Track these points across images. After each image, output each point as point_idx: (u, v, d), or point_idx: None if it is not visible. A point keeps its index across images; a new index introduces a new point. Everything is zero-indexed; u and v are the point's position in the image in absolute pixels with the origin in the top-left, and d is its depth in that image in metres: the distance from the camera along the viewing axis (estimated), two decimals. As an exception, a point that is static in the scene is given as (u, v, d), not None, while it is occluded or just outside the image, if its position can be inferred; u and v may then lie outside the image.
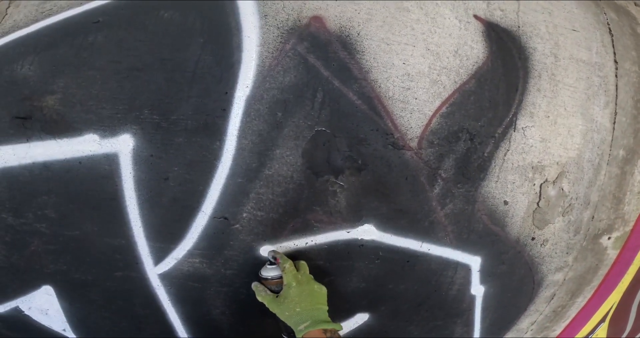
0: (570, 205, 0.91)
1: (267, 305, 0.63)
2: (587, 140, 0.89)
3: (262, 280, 0.66)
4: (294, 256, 0.69)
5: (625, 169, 1.02)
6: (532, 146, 0.80)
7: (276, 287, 0.64)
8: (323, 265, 0.72)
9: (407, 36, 0.71)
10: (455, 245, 0.78)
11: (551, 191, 0.86)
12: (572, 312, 1.21)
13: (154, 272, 0.68)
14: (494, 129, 0.75)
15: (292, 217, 0.68)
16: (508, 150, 0.77)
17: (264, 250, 0.69)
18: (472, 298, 0.88)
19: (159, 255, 0.67)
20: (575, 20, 0.90)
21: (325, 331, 0.58)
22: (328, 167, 0.67)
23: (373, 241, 0.72)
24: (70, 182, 0.66)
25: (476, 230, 0.78)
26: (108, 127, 0.65)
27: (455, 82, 0.72)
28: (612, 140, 0.95)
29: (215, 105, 0.65)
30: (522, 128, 0.78)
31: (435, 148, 0.70)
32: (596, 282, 1.17)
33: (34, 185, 0.66)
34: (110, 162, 0.65)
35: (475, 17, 0.78)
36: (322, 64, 0.66)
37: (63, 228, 0.67)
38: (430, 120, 0.69)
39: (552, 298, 1.07)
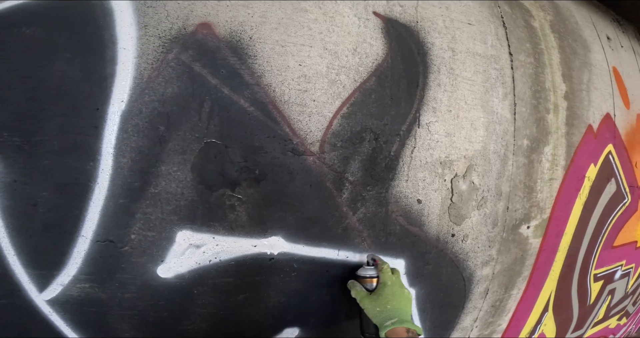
0: (483, 197, 1.00)
1: (359, 300, 0.73)
2: (490, 132, 0.99)
3: (359, 279, 0.77)
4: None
5: (532, 158, 1.15)
6: (438, 141, 0.87)
7: (368, 286, 0.76)
8: (234, 282, 0.71)
9: (304, 37, 0.74)
10: (375, 250, 0.81)
11: (462, 185, 0.95)
12: (512, 305, 1.30)
13: (40, 298, 0.67)
14: (398, 126, 0.81)
15: (188, 235, 0.68)
16: (415, 147, 0.83)
17: (162, 270, 0.68)
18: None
19: (42, 282, 0.66)
20: (470, 13, 1.01)
21: (408, 330, 0.68)
22: (222, 180, 0.66)
23: (284, 253, 0.72)
24: None
25: (394, 232, 0.83)
26: (-39, 151, 0.59)
27: (355, 80, 0.77)
28: (514, 130, 1.07)
29: (85, 122, 0.63)
30: (426, 124, 0.85)
31: (339, 151, 0.74)
32: (526, 272, 1.28)
33: None
34: (-31, 190, 0.60)
35: (375, 13, 0.84)
36: (210, 71, 0.67)
37: None
38: (331, 122, 0.73)
39: (487, 293, 1.15)
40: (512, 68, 1.06)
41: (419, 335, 0.70)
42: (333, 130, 0.73)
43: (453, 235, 0.96)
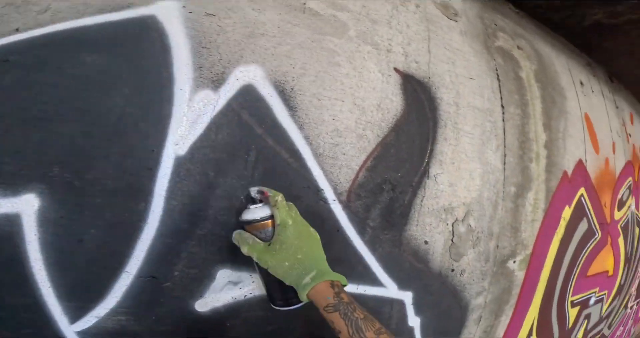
0: (477, 238, 1.18)
1: (257, 258, 0.58)
2: (485, 181, 1.18)
3: (246, 226, 0.62)
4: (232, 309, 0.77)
5: (517, 203, 1.37)
6: (442, 191, 1.04)
7: (262, 233, 0.60)
8: (264, 315, 0.81)
9: (337, 91, 0.87)
10: (388, 285, 0.96)
11: (461, 228, 1.12)
12: (500, 331, 1.52)
13: (70, 329, 0.69)
14: (412, 178, 0.96)
15: (227, 273, 0.76)
16: (424, 197, 0.99)
17: (199, 305, 0.75)
18: (411, 330, 1.08)
19: (76, 314, 0.68)
20: (472, 68, 1.20)
21: (332, 284, 0.56)
22: (263, 224, 0.78)
23: None
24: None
25: (404, 268, 0.98)
26: (9, 184, 0.63)
27: (378, 136, 0.91)
28: (504, 179, 1.27)
29: (140, 164, 0.68)
30: (434, 175, 1.01)
31: (362, 200, 0.88)
32: (513, 301, 1.51)
33: None
34: (10, 223, 0.64)
35: (395, 70, 1.00)
36: (256, 121, 0.77)
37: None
38: (357, 175, 0.87)
39: (480, 320, 1.34)
40: (503, 120, 1.26)
41: (344, 285, 0.60)
42: (359, 181, 0.87)
43: (452, 270, 1.12)
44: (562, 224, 1.59)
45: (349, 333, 0.54)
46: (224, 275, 0.77)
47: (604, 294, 2.23)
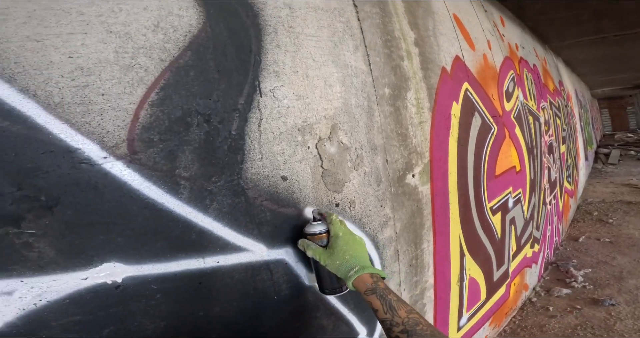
0: (358, 156, 1.01)
1: (318, 258, 0.77)
2: (348, 86, 1.01)
3: (309, 237, 0.79)
4: None
5: (397, 105, 1.22)
6: (289, 107, 0.84)
7: (320, 242, 0.79)
8: (84, 319, 0.57)
9: (72, 25, 0.61)
10: (248, 246, 0.74)
11: (331, 148, 0.93)
12: (429, 259, 1.38)
13: None
14: (234, 100, 0.74)
15: None
16: (261, 120, 0.78)
17: None
18: (314, 289, 0.88)
19: None
20: None
21: (372, 275, 0.73)
22: (-1, 218, 0.51)
23: (132, 277, 0.60)
24: None
25: (265, 220, 0.77)
26: None
27: (162, 60, 0.66)
28: (373, 80, 1.11)
29: None
30: (270, 90, 0.80)
31: (158, 146, 0.63)
32: (428, 223, 1.37)
33: None
34: None
35: None
36: None
37: None
38: (136, 115, 0.62)
39: (398, 255, 1.19)
40: (358, 19, 1.08)
41: (383, 277, 0.76)
42: (142, 123, 0.61)
43: (337, 205, 0.92)
44: (455, 122, 1.49)
45: (383, 311, 0.68)
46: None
47: (520, 193, 2.22)
